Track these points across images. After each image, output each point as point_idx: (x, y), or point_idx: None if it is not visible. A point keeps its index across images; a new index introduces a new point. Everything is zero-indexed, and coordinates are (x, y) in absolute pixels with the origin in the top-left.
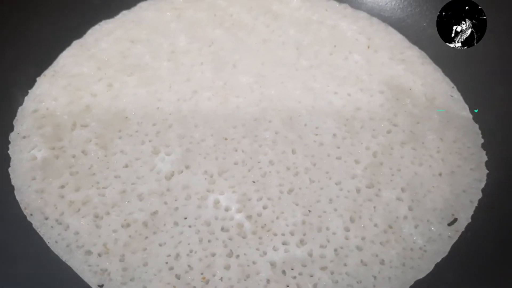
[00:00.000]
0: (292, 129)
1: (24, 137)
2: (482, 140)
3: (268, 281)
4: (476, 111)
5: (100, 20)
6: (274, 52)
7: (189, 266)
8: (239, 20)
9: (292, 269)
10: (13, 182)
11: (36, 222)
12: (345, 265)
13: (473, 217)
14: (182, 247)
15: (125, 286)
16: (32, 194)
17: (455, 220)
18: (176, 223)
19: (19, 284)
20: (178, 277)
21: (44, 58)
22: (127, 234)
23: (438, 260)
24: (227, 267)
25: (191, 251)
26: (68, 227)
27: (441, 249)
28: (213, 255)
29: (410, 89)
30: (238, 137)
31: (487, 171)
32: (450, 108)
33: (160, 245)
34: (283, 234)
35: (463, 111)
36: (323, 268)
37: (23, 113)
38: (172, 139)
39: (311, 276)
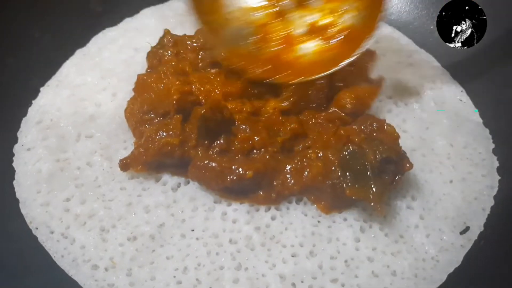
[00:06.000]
0: None
1: (28, 149)
2: (493, 145)
3: None
4: (476, 111)
5: (103, 28)
6: None
7: (197, 279)
8: None
9: (302, 282)
10: (18, 195)
11: (42, 236)
12: (356, 276)
13: (485, 225)
14: (190, 260)
15: None
16: (37, 208)
17: (468, 228)
18: (183, 236)
19: None
20: None
21: (47, 68)
22: (134, 248)
23: (451, 270)
24: (236, 281)
25: (199, 264)
26: (74, 241)
27: (454, 259)
28: (222, 268)
29: (419, 94)
30: None
31: (499, 177)
32: (460, 113)
33: (167, 258)
34: (292, 246)
35: (473, 115)
36: (334, 280)
37: (27, 125)
38: None
39: None
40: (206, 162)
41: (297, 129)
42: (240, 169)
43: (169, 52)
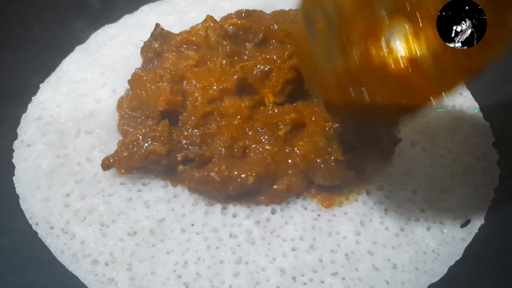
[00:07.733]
0: None
1: (28, 145)
2: (494, 139)
3: None
4: (476, 111)
5: (103, 25)
6: None
7: (197, 274)
8: None
9: (302, 275)
10: (17, 191)
11: (42, 232)
12: (356, 270)
13: (486, 218)
14: (190, 254)
15: None
16: (37, 203)
17: (468, 221)
18: (183, 230)
19: None
20: (186, 285)
21: (47, 65)
22: (134, 243)
23: (452, 263)
24: (236, 275)
25: (199, 259)
26: (74, 236)
27: (455, 252)
28: (222, 262)
29: None
30: None
31: (499, 171)
32: (460, 106)
33: (167, 253)
34: (292, 240)
35: (474, 109)
36: (334, 274)
37: (26, 121)
38: None
39: (322, 282)
40: (205, 174)
41: (296, 119)
42: (242, 175)
43: (165, 48)
